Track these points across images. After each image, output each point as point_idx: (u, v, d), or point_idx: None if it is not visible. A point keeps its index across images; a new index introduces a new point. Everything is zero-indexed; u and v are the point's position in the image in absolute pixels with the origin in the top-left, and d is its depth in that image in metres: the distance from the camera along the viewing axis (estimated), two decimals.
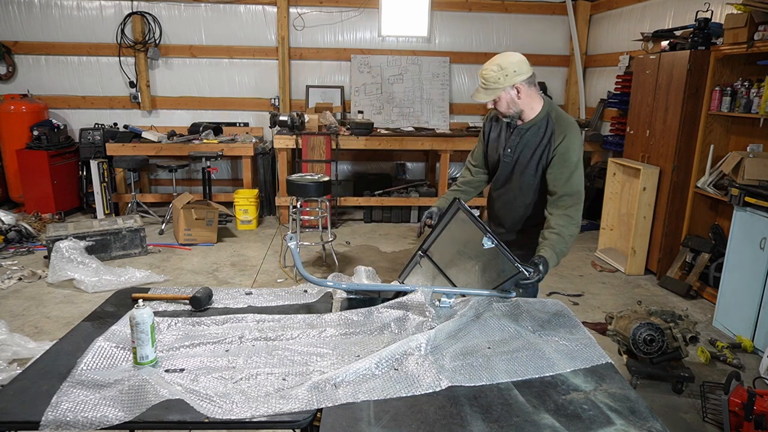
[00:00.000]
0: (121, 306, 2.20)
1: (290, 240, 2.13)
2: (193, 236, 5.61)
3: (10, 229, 5.48)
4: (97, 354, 1.79)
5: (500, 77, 2.40)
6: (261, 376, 1.70)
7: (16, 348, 3.27)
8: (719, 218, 4.58)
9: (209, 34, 7.00)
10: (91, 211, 6.60)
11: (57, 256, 4.51)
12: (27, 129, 6.42)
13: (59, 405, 1.51)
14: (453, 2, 7.17)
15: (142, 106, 7.10)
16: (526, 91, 2.42)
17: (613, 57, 6.49)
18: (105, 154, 6.40)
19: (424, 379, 1.68)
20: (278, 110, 7.11)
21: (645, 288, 4.73)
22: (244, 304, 2.27)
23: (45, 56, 6.89)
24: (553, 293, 4.54)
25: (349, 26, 7.19)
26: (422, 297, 2.15)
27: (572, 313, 2.21)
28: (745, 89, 4.06)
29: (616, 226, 5.50)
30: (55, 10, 6.76)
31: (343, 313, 2.15)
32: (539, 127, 2.45)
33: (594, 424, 1.51)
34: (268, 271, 4.93)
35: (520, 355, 1.86)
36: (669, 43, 4.91)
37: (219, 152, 6.15)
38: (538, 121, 2.45)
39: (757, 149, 4.12)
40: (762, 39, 3.77)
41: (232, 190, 6.77)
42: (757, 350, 3.55)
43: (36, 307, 4.08)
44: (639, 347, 3.11)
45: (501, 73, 2.41)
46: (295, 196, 4.78)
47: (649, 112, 5.04)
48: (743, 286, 3.74)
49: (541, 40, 7.43)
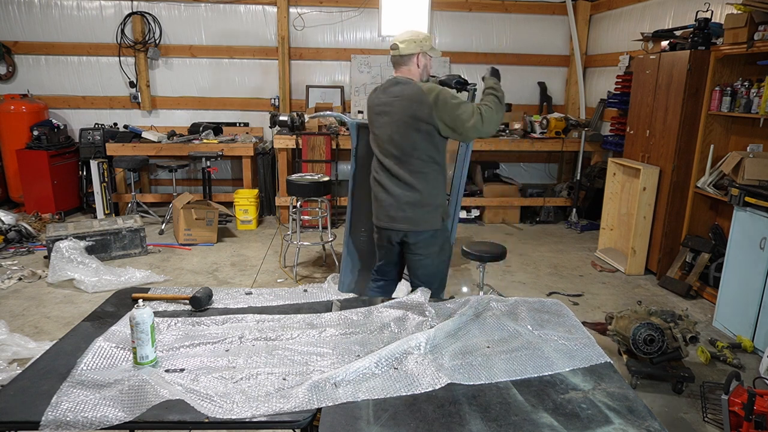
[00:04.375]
0: (121, 306, 2.20)
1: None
2: (193, 236, 5.62)
3: (10, 229, 5.48)
4: (97, 354, 1.79)
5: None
6: (261, 376, 1.71)
7: (16, 348, 3.27)
8: (719, 218, 4.58)
9: (209, 34, 7.01)
10: (91, 211, 6.60)
11: (57, 256, 4.51)
12: (27, 129, 6.43)
13: (59, 405, 1.52)
14: (453, 2, 7.17)
15: (142, 106, 7.10)
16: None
17: (613, 57, 6.49)
18: (105, 154, 6.40)
19: (424, 378, 1.69)
20: (278, 110, 7.11)
21: (645, 288, 4.73)
22: (244, 304, 2.27)
23: (45, 56, 6.89)
24: (553, 293, 4.54)
25: (349, 26, 7.19)
26: (422, 297, 2.15)
27: (571, 312, 2.22)
28: (745, 89, 4.06)
29: (616, 226, 5.50)
30: (55, 10, 6.77)
31: (343, 312, 2.15)
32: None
33: (592, 423, 1.51)
34: (268, 271, 4.93)
35: (519, 355, 1.86)
36: (669, 43, 4.91)
37: (219, 152, 6.15)
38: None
39: (757, 149, 4.12)
40: (762, 39, 3.77)
41: (232, 190, 6.78)
42: (757, 350, 3.55)
43: (36, 307, 4.08)
44: (639, 347, 3.11)
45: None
46: (295, 196, 4.79)
47: (649, 112, 5.04)
48: (743, 286, 3.74)
49: (541, 40, 7.43)
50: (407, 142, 2.68)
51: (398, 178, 2.73)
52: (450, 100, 2.61)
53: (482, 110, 2.59)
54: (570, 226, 6.58)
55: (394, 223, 2.79)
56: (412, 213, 2.73)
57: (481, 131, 2.60)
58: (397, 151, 2.72)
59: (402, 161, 2.72)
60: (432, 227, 2.77)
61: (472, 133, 2.61)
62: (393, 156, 2.74)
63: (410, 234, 2.78)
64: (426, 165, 2.70)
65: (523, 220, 6.78)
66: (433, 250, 2.83)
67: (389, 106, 2.73)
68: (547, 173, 7.78)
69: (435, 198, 2.76)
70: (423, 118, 2.62)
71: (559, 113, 6.95)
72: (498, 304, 2.21)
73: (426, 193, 2.72)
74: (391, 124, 2.72)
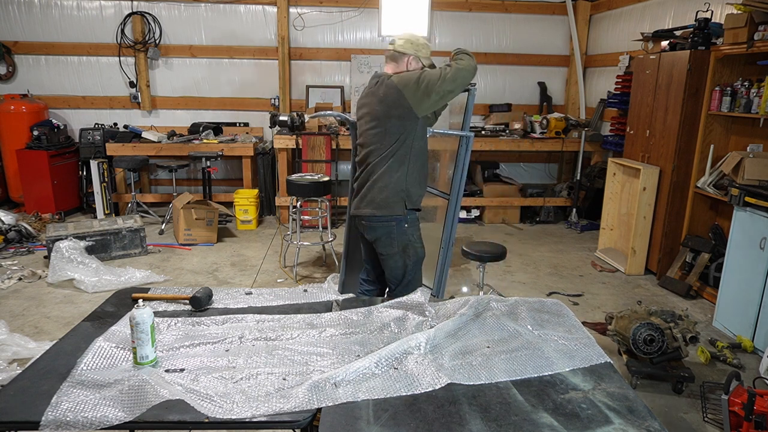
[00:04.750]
0: (121, 306, 2.20)
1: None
2: (193, 236, 5.62)
3: (10, 229, 5.48)
4: (97, 354, 1.79)
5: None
6: (261, 376, 1.71)
7: (16, 348, 3.27)
8: (719, 218, 4.58)
9: (209, 34, 7.01)
10: (91, 211, 6.60)
11: (57, 256, 4.51)
12: (27, 129, 6.43)
13: (59, 405, 1.52)
14: (453, 2, 7.17)
15: (142, 106, 7.10)
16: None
17: (613, 57, 6.49)
18: (105, 154, 6.40)
19: (424, 378, 1.69)
20: (278, 110, 7.11)
21: (645, 288, 4.73)
22: (244, 304, 2.27)
23: (45, 56, 6.89)
24: (553, 293, 4.54)
25: (349, 26, 7.19)
26: (422, 297, 2.15)
27: (571, 312, 2.22)
28: (745, 89, 4.06)
29: (616, 226, 5.50)
30: (55, 10, 6.76)
31: (343, 312, 2.15)
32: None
33: (592, 423, 1.51)
34: (268, 271, 4.93)
35: (519, 355, 1.86)
36: (669, 43, 4.91)
37: (219, 152, 6.15)
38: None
39: (757, 149, 4.12)
40: (762, 39, 3.77)
41: (232, 190, 6.77)
42: (757, 350, 3.55)
43: (36, 307, 4.08)
44: (639, 347, 3.11)
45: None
46: (295, 196, 4.79)
47: (649, 112, 5.04)
48: (743, 286, 3.74)
49: (541, 40, 7.43)
50: (380, 128, 2.75)
51: (370, 167, 2.81)
52: (412, 75, 2.70)
53: (450, 65, 2.69)
54: (570, 226, 6.58)
55: (356, 210, 2.88)
56: (373, 197, 2.78)
57: (457, 79, 2.64)
58: (370, 141, 2.80)
59: (372, 151, 2.78)
60: (390, 213, 2.76)
61: (448, 84, 2.63)
62: (366, 145, 2.82)
63: (368, 229, 2.84)
64: (393, 152, 2.74)
65: (523, 220, 6.78)
66: (392, 251, 2.83)
67: (367, 98, 2.86)
68: (547, 173, 7.78)
69: (398, 183, 2.76)
70: (394, 103, 2.69)
71: (559, 113, 6.95)
72: (498, 304, 2.21)
73: (389, 179, 2.75)
74: (367, 116, 2.82)
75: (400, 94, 2.66)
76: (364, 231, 2.89)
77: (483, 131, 6.77)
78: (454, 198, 3.13)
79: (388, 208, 2.76)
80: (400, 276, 2.88)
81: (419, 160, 2.82)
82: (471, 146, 3.14)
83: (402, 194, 2.77)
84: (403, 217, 2.79)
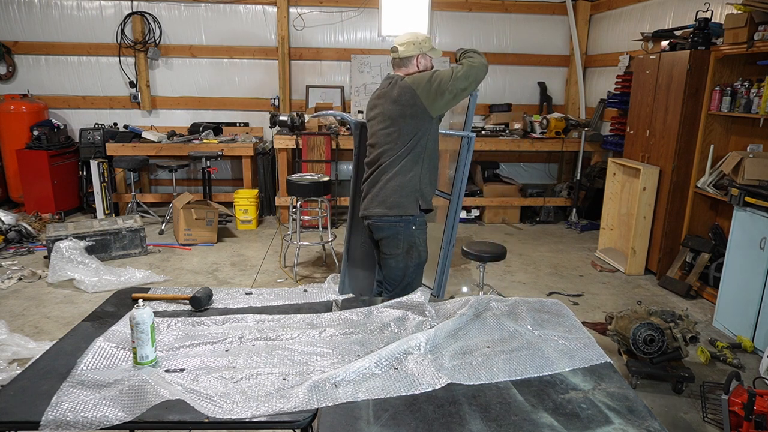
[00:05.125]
0: (121, 306, 2.20)
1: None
2: (193, 236, 5.62)
3: (10, 229, 5.48)
4: (97, 354, 1.79)
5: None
6: (261, 376, 1.71)
7: (16, 348, 3.27)
8: (719, 218, 4.58)
9: (209, 34, 7.01)
10: (91, 211, 6.60)
11: (57, 256, 4.51)
12: (27, 129, 6.43)
13: (59, 405, 1.52)
14: (453, 2, 7.17)
15: (142, 106, 7.10)
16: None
17: (613, 57, 6.49)
18: (105, 154, 6.40)
19: (424, 378, 1.69)
20: (278, 110, 7.11)
21: (645, 288, 4.73)
22: (244, 304, 2.27)
23: (45, 56, 6.89)
24: (553, 293, 4.54)
25: (349, 26, 7.19)
26: (422, 297, 2.15)
27: (571, 312, 2.22)
28: (745, 89, 4.06)
29: (616, 226, 5.50)
30: (55, 10, 6.76)
31: (343, 312, 2.15)
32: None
33: (592, 423, 1.51)
34: (268, 271, 4.93)
35: (519, 355, 1.86)
36: (669, 43, 4.91)
37: (219, 152, 6.15)
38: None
39: (757, 149, 4.12)
40: (762, 39, 3.77)
41: (232, 190, 6.78)
42: (757, 350, 3.55)
43: (36, 307, 4.08)
44: (639, 347, 3.11)
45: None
46: (295, 196, 4.79)
47: (649, 112, 5.04)
48: (743, 286, 3.74)
49: (541, 40, 7.43)
50: (394, 129, 2.74)
51: (382, 168, 2.80)
52: (424, 75, 2.71)
53: (463, 63, 2.70)
54: (570, 226, 6.58)
55: (366, 210, 2.87)
56: (385, 197, 2.78)
57: (470, 76, 2.65)
58: (382, 141, 2.79)
59: (385, 151, 2.77)
60: (402, 213, 2.76)
61: (461, 82, 2.64)
62: (378, 146, 2.82)
63: (374, 228, 2.84)
64: (407, 152, 2.75)
65: (523, 220, 6.78)
66: (396, 251, 2.83)
67: (379, 99, 2.85)
68: (547, 173, 7.78)
69: (411, 183, 2.77)
70: (407, 103, 2.69)
71: (559, 113, 6.95)
72: (498, 304, 2.21)
73: (403, 179, 2.76)
74: (380, 116, 2.81)
75: (414, 94, 2.67)
76: (372, 230, 2.89)
77: (483, 131, 6.77)
78: (456, 198, 3.13)
79: (400, 208, 2.76)
80: (399, 277, 2.87)
81: (432, 160, 2.83)
82: (473, 146, 3.15)
83: (416, 194, 2.78)
84: (413, 218, 2.79)
